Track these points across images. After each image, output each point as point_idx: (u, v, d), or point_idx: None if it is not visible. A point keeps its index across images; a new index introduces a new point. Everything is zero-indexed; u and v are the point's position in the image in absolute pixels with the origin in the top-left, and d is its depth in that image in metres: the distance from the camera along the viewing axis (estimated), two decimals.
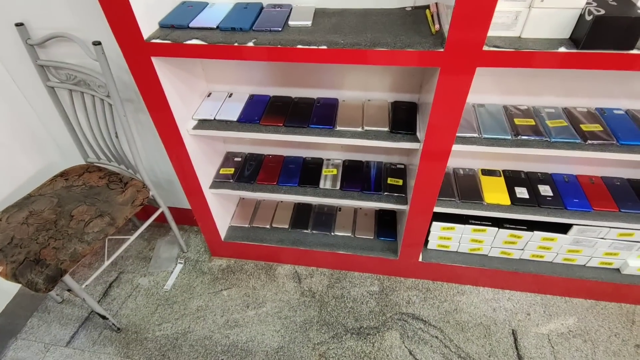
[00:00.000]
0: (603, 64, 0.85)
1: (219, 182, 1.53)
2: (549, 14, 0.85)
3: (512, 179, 1.45)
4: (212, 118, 1.30)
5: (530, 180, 1.44)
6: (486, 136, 1.17)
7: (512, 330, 1.50)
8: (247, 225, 1.77)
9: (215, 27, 1.03)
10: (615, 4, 0.83)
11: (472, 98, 1.31)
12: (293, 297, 1.65)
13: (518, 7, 0.87)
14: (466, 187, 1.43)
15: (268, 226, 1.75)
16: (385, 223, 1.73)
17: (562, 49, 0.86)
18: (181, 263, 1.81)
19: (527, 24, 0.88)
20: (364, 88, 1.36)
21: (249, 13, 1.08)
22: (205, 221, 1.61)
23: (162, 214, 1.61)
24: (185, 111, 1.27)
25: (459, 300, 1.61)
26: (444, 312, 1.57)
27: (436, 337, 1.49)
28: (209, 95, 1.41)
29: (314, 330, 1.53)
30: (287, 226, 1.74)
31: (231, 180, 1.53)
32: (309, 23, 1.03)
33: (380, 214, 1.77)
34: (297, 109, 1.33)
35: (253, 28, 1.02)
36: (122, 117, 1.28)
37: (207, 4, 1.16)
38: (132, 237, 1.51)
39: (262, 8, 1.13)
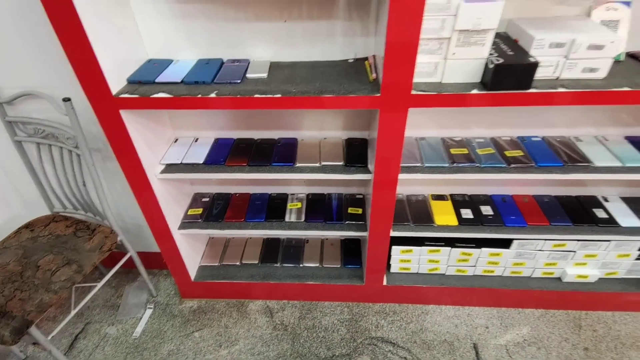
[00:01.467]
0: (508, 102, 1.04)
1: (188, 222, 1.59)
2: (461, 63, 1.04)
3: (458, 202, 1.61)
4: (179, 162, 1.39)
5: (474, 202, 1.60)
6: (427, 165, 1.33)
7: (474, 344, 1.59)
8: (217, 264, 1.80)
9: (179, 81, 1.15)
10: (513, 53, 1.03)
11: (415, 132, 1.48)
12: (265, 332, 1.68)
13: (436, 59, 1.05)
14: (419, 212, 1.57)
15: (238, 263, 1.80)
16: (351, 251, 1.82)
17: (475, 91, 1.04)
18: (150, 308, 1.80)
19: (445, 72, 1.06)
20: (320, 128, 1.50)
21: (211, 68, 1.21)
22: (175, 263, 1.64)
23: (131, 259, 1.62)
24: (153, 157, 1.35)
25: (423, 320, 1.69)
26: (411, 332, 1.65)
27: (405, 358, 1.55)
28: (175, 141, 1.51)
29: None
30: (257, 261, 1.80)
31: (200, 220, 1.59)
32: (265, 75, 1.18)
33: (346, 243, 1.87)
34: (259, 149, 1.45)
35: (215, 81, 1.15)
36: (91, 167, 1.34)
37: (171, 61, 1.28)
38: (100, 284, 1.51)
39: (222, 63, 1.26)
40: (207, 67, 1.22)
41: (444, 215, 1.55)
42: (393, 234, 1.51)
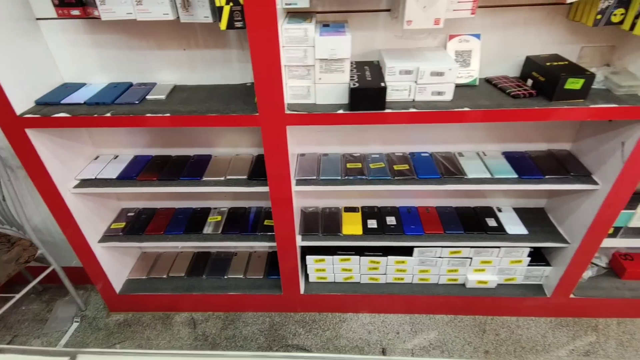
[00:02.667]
0: (367, 120, 1.18)
1: (109, 236, 1.66)
2: (328, 87, 1.19)
3: (368, 213, 1.73)
4: (94, 177, 1.48)
5: (382, 213, 1.73)
6: (322, 178, 1.45)
7: (383, 348, 1.68)
8: (144, 277, 1.87)
9: (82, 102, 1.27)
10: (370, 78, 1.18)
11: (320, 149, 1.62)
12: (186, 342, 1.73)
13: (307, 83, 1.19)
14: (330, 223, 1.68)
15: (165, 276, 1.87)
16: (275, 263, 1.90)
17: (340, 111, 1.18)
18: (77, 321, 1.84)
19: (317, 94, 1.21)
20: (234, 145, 1.62)
21: (116, 90, 1.34)
22: (97, 276, 1.70)
23: (55, 272, 1.68)
24: (67, 173, 1.45)
25: (340, 328, 1.77)
26: (326, 339, 1.72)
27: None
28: (96, 158, 1.61)
29: None
30: (183, 274, 1.87)
31: (121, 234, 1.67)
32: (164, 97, 1.30)
33: (272, 255, 1.96)
34: (173, 165, 1.56)
35: (115, 102, 1.27)
36: (7, 182, 1.42)
37: (84, 84, 1.40)
38: (18, 296, 1.56)
39: (130, 86, 1.39)
40: (113, 90, 1.34)
41: (351, 225, 1.66)
42: (302, 243, 1.62)
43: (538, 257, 1.71)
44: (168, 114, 1.20)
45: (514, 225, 1.62)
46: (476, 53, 1.27)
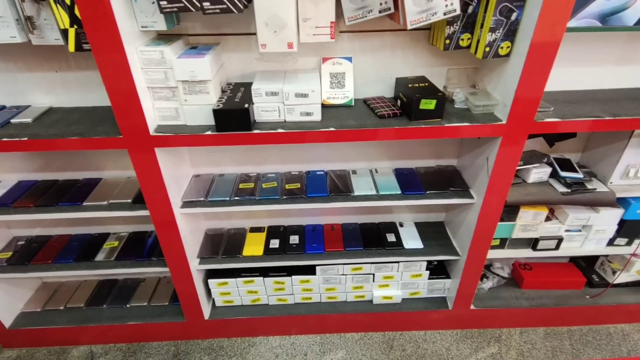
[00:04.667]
0: (235, 141, 1.18)
1: None
2: (196, 108, 1.18)
3: (273, 232, 1.72)
4: None
5: (287, 232, 1.71)
6: (210, 199, 1.43)
7: None
8: (38, 310, 1.75)
9: None
10: (238, 100, 1.18)
11: (217, 170, 1.60)
12: None
13: (174, 104, 1.18)
14: (232, 244, 1.65)
15: (62, 307, 1.75)
16: None
17: (208, 132, 1.17)
18: None
19: (185, 116, 1.20)
20: (125, 167, 1.57)
21: None
22: None
23: None
24: None
25: (247, 353, 1.72)
26: None
27: None
28: None
29: None
30: (82, 305, 1.76)
31: (5, 264, 1.56)
32: (30, 120, 1.25)
33: None
34: (57, 190, 1.49)
35: None
36: None
37: None
38: None
39: (2, 108, 1.33)
40: None
41: (253, 246, 1.64)
42: (199, 267, 1.57)
43: (440, 270, 1.75)
44: (25, 138, 1.15)
45: (411, 240, 1.65)
46: (349, 75, 1.31)
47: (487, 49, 1.09)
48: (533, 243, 1.57)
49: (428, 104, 1.14)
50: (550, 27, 0.99)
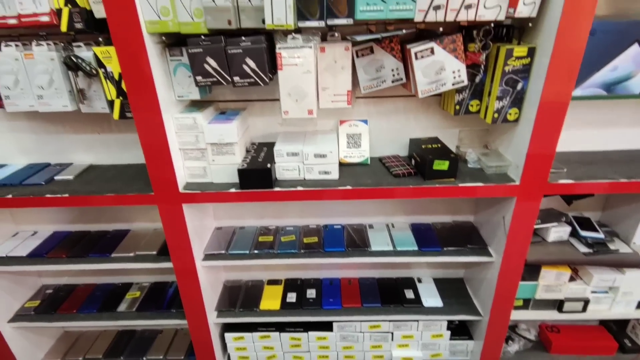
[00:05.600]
0: (257, 198, 1.25)
1: (20, 315, 1.61)
2: (222, 167, 1.27)
3: (290, 285, 1.72)
4: (4, 255, 1.48)
5: (304, 285, 1.72)
6: (231, 252, 1.47)
7: None
8: None
9: None
10: (261, 160, 1.27)
11: (237, 222, 1.66)
12: None
13: (203, 164, 1.28)
14: (250, 297, 1.66)
15: (80, 358, 1.77)
16: None
17: (232, 190, 1.25)
18: None
19: (212, 174, 1.29)
20: (152, 220, 1.66)
21: (30, 171, 1.40)
22: (4, 358, 1.61)
23: None
24: None
25: None
26: None
27: None
28: (14, 235, 1.62)
29: None
30: (100, 356, 1.77)
31: (32, 313, 1.62)
32: (72, 177, 1.37)
33: None
34: (89, 241, 1.57)
35: (22, 183, 1.32)
36: None
37: (4, 165, 1.47)
38: None
39: (47, 166, 1.46)
40: (28, 171, 1.41)
41: (270, 299, 1.64)
42: (217, 320, 1.58)
43: (463, 330, 1.68)
44: (66, 195, 1.26)
45: (430, 297, 1.61)
46: (365, 136, 1.39)
47: (496, 115, 1.15)
48: (558, 305, 1.51)
49: (441, 165, 1.19)
50: (555, 95, 1.05)
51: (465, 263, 1.69)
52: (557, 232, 1.40)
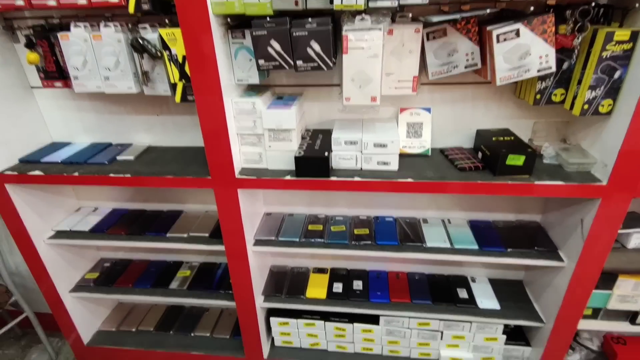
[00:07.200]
0: (312, 187, 1.21)
1: (81, 286, 1.71)
2: (278, 154, 1.24)
3: (336, 275, 1.70)
4: (69, 229, 1.56)
5: (350, 276, 1.69)
6: (280, 239, 1.46)
7: None
8: (113, 330, 1.87)
9: (59, 161, 1.38)
10: (318, 147, 1.22)
11: (287, 209, 1.64)
12: None
13: (259, 150, 1.25)
14: (296, 284, 1.65)
15: (134, 329, 1.86)
16: None
17: (288, 177, 1.22)
18: None
19: (268, 160, 1.26)
20: (204, 202, 1.68)
21: (95, 150, 1.45)
22: (66, 325, 1.72)
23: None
24: (44, 224, 1.54)
25: None
26: None
27: None
28: (77, 210, 1.70)
29: None
30: (152, 329, 1.85)
31: (92, 284, 1.71)
32: (132, 157, 1.40)
33: None
34: (145, 220, 1.62)
35: (87, 162, 1.37)
36: None
37: (69, 143, 1.53)
38: None
39: (109, 146, 1.51)
40: (91, 150, 1.46)
41: (316, 288, 1.63)
42: (264, 305, 1.59)
43: (519, 335, 1.58)
44: (129, 175, 1.29)
45: (486, 299, 1.53)
46: (427, 125, 1.30)
47: (586, 106, 1.02)
48: (631, 316, 1.38)
49: (516, 160, 1.09)
50: None
51: (529, 266, 1.58)
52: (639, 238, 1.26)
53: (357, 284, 1.64)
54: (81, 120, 1.51)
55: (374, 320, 1.61)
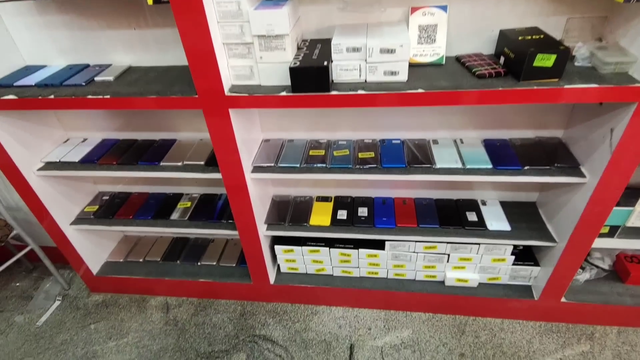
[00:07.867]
0: (311, 103, 1.08)
1: (81, 218, 1.68)
2: (271, 67, 1.09)
3: (340, 203, 1.64)
4: (58, 160, 1.49)
5: (355, 203, 1.63)
6: (280, 165, 1.37)
7: (351, 344, 1.60)
8: (121, 260, 1.89)
9: (33, 84, 1.25)
10: (316, 57, 1.07)
11: (286, 135, 1.54)
12: (157, 326, 1.74)
13: (249, 62, 1.11)
14: (299, 212, 1.61)
15: (141, 260, 1.88)
16: None
17: (283, 93, 1.09)
18: (59, 300, 1.90)
19: (260, 75, 1.12)
20: (199, 129, 1.57)
21: (70, 72, 1.31)
22: (72, 257, 1.74)
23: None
24: (32, 156, 1.46)
25: (310, 320, 1.72)
26: (294, 332, 1.67)
27: (279, 355, 1.58)
28: (65, 142, 1.61)
29: (167, 357, 1.61)
30: (159, 259, 1.87)
31: (92, 217, 1.68)
32: (112, 78, 1.27)
33: None
34: (136, 149, 1.53)
35: (63, 84, 1.24)
36: None
37: (44, 66, 1.39)
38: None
39: (86, 67, 1.36)
40: (67, 72, 1.32)
41: (320, 215, 1.58)
42: (267, 233, 1.56)
43: (527, 256, 1.56)
44: (108, 96, 1.16)
45: (496, 221, 1.47)
46: (442, 27, 1.12)
47: None
48: None
49: (545, 60, 0.94)
50: None
51: (542, 185, 1.49)
52: None
53: (362, 211, 1.58)
54: (53, 39, 1.35)
55: (379, 245, 1.58)
